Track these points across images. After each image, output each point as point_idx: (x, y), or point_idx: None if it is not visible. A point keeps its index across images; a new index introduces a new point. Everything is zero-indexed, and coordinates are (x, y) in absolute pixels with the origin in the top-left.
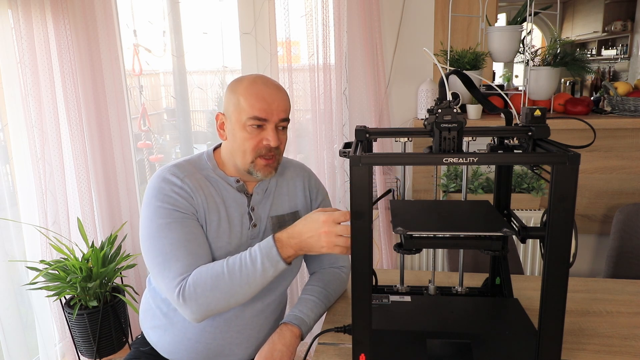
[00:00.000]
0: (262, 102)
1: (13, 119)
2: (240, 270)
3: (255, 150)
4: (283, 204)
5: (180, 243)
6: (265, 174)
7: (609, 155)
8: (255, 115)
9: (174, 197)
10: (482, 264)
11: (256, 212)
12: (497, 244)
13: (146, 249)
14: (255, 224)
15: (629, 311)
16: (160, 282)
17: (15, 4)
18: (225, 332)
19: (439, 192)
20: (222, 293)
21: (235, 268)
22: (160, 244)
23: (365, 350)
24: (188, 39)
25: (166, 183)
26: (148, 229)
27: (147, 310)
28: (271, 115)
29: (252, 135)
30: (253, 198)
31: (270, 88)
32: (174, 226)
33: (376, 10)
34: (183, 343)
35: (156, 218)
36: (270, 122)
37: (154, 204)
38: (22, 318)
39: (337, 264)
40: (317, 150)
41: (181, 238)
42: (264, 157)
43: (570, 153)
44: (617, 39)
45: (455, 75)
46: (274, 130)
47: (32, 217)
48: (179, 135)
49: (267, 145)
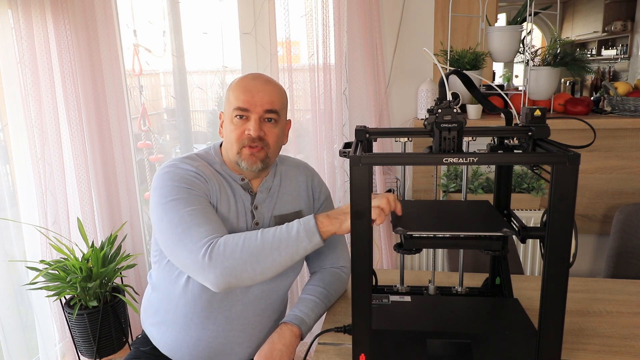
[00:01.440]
0: (246, 94)
1: (13, 119)
2: (274, 235)
3: (240, 141)
4: (286, 204)
5: (200, 212)
6: (250, 163)
7: (609, 155)
8: (238, 105)
9: (189, 179)
10: (482, 264)
11: (259, 210)
12: (497, 244)
13: (164, 227)
14: (258, 223)
15: (629, 311)
16: (182, 249)
17: (15, 4)
18: (227, 330)
19: (439, 192)
20: (251, 256)
21: (269, 235)
22: (178, 216)
23: (365, 350)
24: (188, 39)
25: (180, 169)
26: (163, 206)
27: (149, 307)
28: (254, 106)
29: (237, 126)
30: (257, 197)
31: (257, 81)
32: (191, 200)
33: (376, 10)
34: (185, 341)
35: (171, 195)
36: (253, 113)
37: (169, 184)
38: (22, 318)
39: (338, 264)
40: (317, 150)
41: (200, 210)
42: (248, 147)
43: (570, 153)
44: (617, 39)
45: (455, 75)
46: (257, 121)
47: (32, 217)
48: (179, 135)
49: (249, 135)
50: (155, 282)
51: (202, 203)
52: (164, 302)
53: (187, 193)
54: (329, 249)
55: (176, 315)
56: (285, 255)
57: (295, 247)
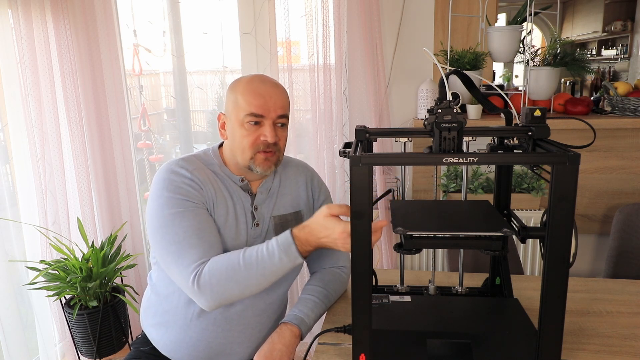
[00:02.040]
0: (259, 99)
1: (13, 119)
2: (257, 263)
3: (254, 147)
4: (285, 204)
5: (193, 231)
6: (265, 168)
7: (609, 155)
8: (252, 112)
9: (185, 188)
10: (482, 264)
11: (259, 211)
12: (497, 244)
13: (158, 238)
14: (258, 223)
15: (629, 311)
16: (174, 270)
17: (15, 4)
18: (227, 330)
19: (439, 192)
20: (238, 284)
21: (252, 260)
22: (172, 232)
23: (365, 350)
24: (188, 39)
25: (175, 175)
26: (159, 219)
27: (149, 307)
28: (268, 111)
29: (250, 132)
30: (257, 197)
31: (267, 85)
32: (187, 215)
33: (376, 10)
34: (185, 341)
35: (167, 208)
36: (267, 119)
37: (164, 195)
38: (22, 318)
39: (338, 264)
40: (317, 150)
41: (194, 226)
42: (262, 152)
43: (570, 153)
44: (617, 39)
45: (455, 75)
46: (271, 126)
47: (32, 217)
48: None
49: (265, 141)
50: (155, 283)
51: (196, 217)
52: (164, 303)
53: (182, 206)
54: (328, 249)
55: (176, 316)
56: (271, 278)
57: (279, 270)
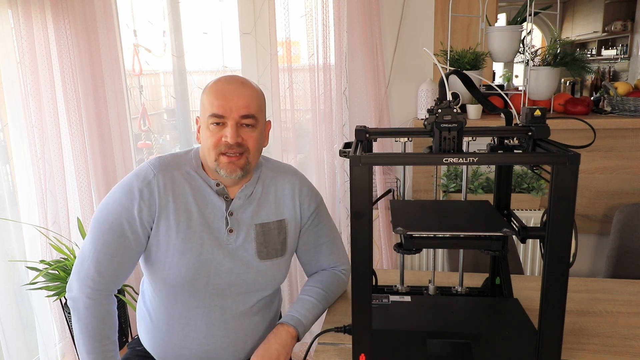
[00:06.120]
0: (221, 99)
1: (13, 119)
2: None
3: (216, 148)
4: (269, 212)
5: (106, 255)
6: (229, 172)
7: (609, 155)
8: (213, 112)
9: (124, 215)
10: (482, 264)
11: (235, 217)
12: (497, 244)
13: (87, 238)
14: (232, 230)
15: (629, 311)
16: (75, 275)
17: (15, 4)
18: (209, 337)
19: (439, 192)
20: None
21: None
22: (92, 245)
23: (365, 350)
24: (188, 39)
25: (138, 178)
26: (95, 225)
27: (139, 312)
28: (229, 112)
29: (213, 132)
30: (233, 203)
31: (232, 85)
32: (110, 242)
33: (376, 10)
34: (169, 348)
35: (103, 223)
36: (229, 119)
37: (118, 192)
38: (22, 318)
39: (337, 266)
40: (317, 150)
41: (109, 252)
42: (226, 155)
43: (570, 153)
44: (617, 39)
45: (455, 75)
46: (233, 127)
47: (32, 217)
48: (179, 135)
49: (226, 142)
50: (144, 288)
51: (119, 247)
52: (149, 309)
53: (110, 234)
54: (327, 251)
55: (160, 322)
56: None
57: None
